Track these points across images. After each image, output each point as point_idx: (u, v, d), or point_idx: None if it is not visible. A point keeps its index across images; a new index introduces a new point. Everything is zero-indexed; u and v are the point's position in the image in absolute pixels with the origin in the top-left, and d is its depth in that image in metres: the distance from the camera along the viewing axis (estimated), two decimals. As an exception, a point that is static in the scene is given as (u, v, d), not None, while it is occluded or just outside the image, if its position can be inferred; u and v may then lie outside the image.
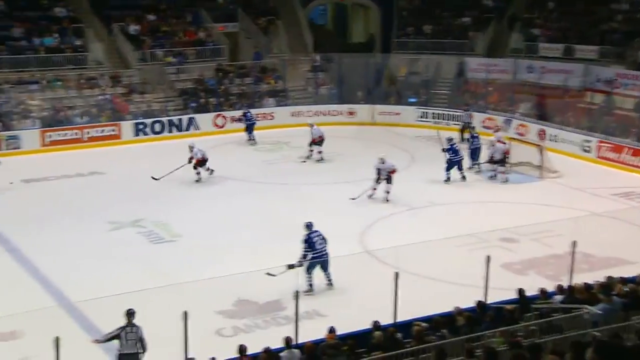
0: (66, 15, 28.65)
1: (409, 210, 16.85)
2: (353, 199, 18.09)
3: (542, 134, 24.15)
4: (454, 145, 20.35)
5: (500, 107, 26.73)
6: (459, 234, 14.35)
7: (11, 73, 25.98)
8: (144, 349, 9.60)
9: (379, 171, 18.33)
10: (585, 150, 22.91)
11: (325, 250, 12.84)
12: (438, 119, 26.90)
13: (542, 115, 25.29)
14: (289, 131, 26.33)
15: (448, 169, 20.16)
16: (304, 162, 22.43)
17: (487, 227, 12.20)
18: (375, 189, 18.31)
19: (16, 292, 12.97)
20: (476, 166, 21.29)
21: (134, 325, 9.57)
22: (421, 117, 27.51)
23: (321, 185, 20.15)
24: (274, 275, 11.74)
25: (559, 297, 10.68)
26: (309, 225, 12.98)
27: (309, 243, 12.74)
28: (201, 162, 20.23)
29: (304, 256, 12.65)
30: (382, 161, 18.33)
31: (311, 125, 22.82)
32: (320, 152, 22.58)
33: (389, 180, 18.22)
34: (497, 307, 10.65)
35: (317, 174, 21.28)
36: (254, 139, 25.17)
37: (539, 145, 21.50)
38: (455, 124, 26.34)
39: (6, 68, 26.07)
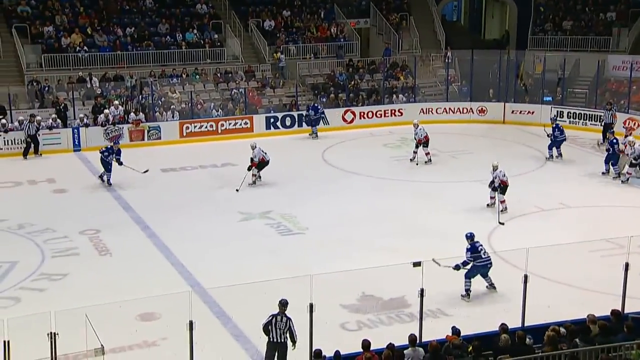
0: (207, 11, 29.91)
1: (540, 212, 16.32)
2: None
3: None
4: (559, 125, 21.27)
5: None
6: (593, 239, 13.83)
7: (156, 67, 27.44)
8: (293, 340, 9.82)
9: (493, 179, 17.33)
10: None
11: (489, 258, 12.77)
12: (574, 118, 25.78)
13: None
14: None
15: (551, 147, 21.41)
16: (415, 163, 21.80)
17: (624, 233, 11.60)
18: (492, 197, 17.31)
19: (155, 276, 13.63)
20: (613, 171, 20.12)
21: (285, 315, 9.81)
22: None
23: (447, 183, 19.84)
24: (438, 264, 11.84)
25: None
26: (470, 236, 12.87)
27: (473, 251, 12.66)
28: (260, 165, 19.46)
29: (466, 263, 12.61)
30: (495, 168, 17.25)
31: (416, 126, 21.92)
32: (427, 154, 21.74)
33: (502, 190, 17.01)
34: (636, 318, 10.15)
35: (444, 172, 20.97)
36: (316, 134, 25.03)
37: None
38: (592, 124, 25.28)
39: (152, 63, 27.59)
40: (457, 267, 12.41)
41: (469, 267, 12.63)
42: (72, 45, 27.02)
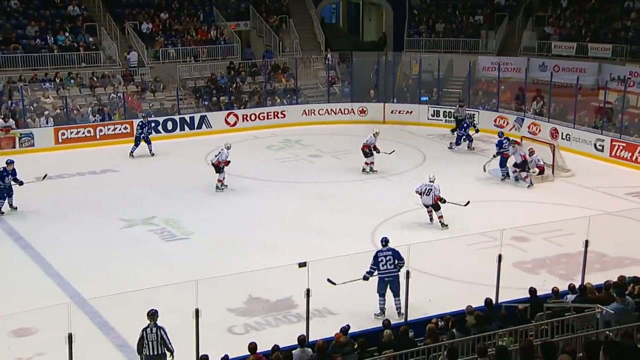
0: (79, 13, 28.81)
1: (421, 209, 16.80)
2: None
3: (554, 133, 24.12)
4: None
5: (512, 106, 26.66)
6: (470, 233, 14.37)
7: (25, 71, 26.16)
8: (169, 349, 9.55)
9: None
10: (598, 149, 22.71)
11: (391, 271, 11.82)
12: (450, 117, 26.83)
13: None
14: (300, 129, 26.34)
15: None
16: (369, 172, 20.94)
17: (499, 226, 12.21)
18: (431, 217, 16.56)
19: (30, 289, 13.09)
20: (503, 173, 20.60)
21: (156, 325, 9.56)
22: (433, 115, 27.48)
23: (331, 183, 20.11)
24: (334, 284, 11.50)
25: (571, 297, 10.66)
26: (382, 241, 12.22)
27: (374, 262, 11.92)
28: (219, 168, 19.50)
29: (369, 273, 11.91)
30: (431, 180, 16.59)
31: (376, 135, 21.04)
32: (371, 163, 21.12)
33: (435, 206, 16.31)
34: (509, 306, 10.65)
35: (328, 171, 21.24)
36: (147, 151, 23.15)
37: (551, 144, 21.30)
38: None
39: (21, 66, 26.25)
40: (365, 278, 11.91)
41: (374, 278, 11.97)
42: None
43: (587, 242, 11.82)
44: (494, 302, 10.85)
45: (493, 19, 31.27)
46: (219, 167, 19.31)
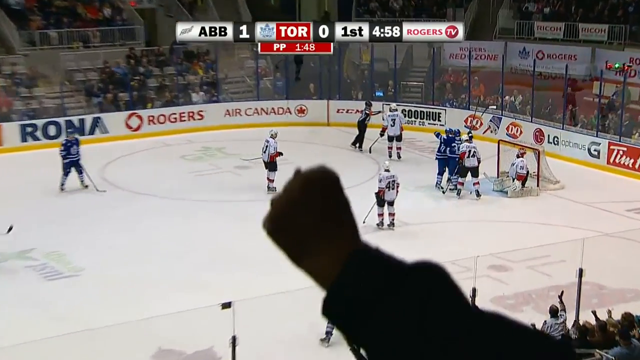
0: None
1: (374, 232, 17.02)
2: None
3: (539, 135, 24.66)
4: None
5: (486, 102, 27.12)
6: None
7: None
8: None
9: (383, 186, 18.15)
10: (593, 155, 23.31)
11: None
12: (410, 117, 27.11)
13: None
14: (223, 134, 26.37)
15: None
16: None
17: (472, 253, 12.39)
18: (380, 214, 18.15)
19: None
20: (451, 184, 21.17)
21: None
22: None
23: (265, 202, 19.95)
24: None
25: (550, 321, 10.94)
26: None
27: None
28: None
29: None
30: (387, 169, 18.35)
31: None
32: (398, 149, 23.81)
33: (390, 203, 18.13)
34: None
35: (259, 187, 21.18)
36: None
37: (535, 149, 21.68)
38: (431, 124, 26.74)
39: None
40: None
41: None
42: None
43: (581, 270, 12.13)
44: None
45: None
46: (273, 163, 20.27)
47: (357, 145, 24.91)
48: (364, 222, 17.03)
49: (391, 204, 17.97)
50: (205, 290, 14.10)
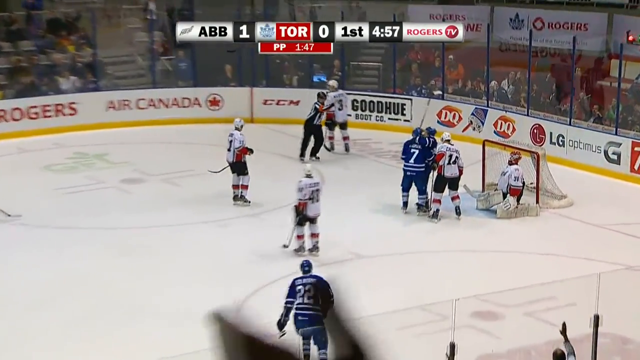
0: None
1: (322, 266, 16.66)
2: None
3: (538, 133, 24.54)
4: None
5: (467, 90, 26.96)
6: (403, 307, 14.38)
7: None
8: None
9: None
10: (612, 160, 23.17)
11: (310, 308, 13.92)
12: (363, 109, 26.97)
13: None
14: (104, 135, 26.04)
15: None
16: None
17: (449, 294, 12.31)
18: (300, 235, 18.36)
19: None
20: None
21: None
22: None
23: (166, 228, 19.87)
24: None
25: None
26: (302, 266, 14.58)
27: (290, 293, 14.14)
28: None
29: (287, 310, 13.99)
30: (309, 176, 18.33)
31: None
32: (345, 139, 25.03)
33: (313, 220, 18.30)
34: None
35: (157, 208, 20.80)
36: None
37: (533, 153, 21.46)
38: (392, 119, 26.68)
39: None
40: (279, 325, 13.80)
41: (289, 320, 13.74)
42: None
43: (597, 317, 12.08)
44: None
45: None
46: (241, 164, 20.38)
47: (315, 154, 25.02)
48: (285, 247, 17.15)
49: (313, 221, 18.03)
50: (94, 346, 14.40)
